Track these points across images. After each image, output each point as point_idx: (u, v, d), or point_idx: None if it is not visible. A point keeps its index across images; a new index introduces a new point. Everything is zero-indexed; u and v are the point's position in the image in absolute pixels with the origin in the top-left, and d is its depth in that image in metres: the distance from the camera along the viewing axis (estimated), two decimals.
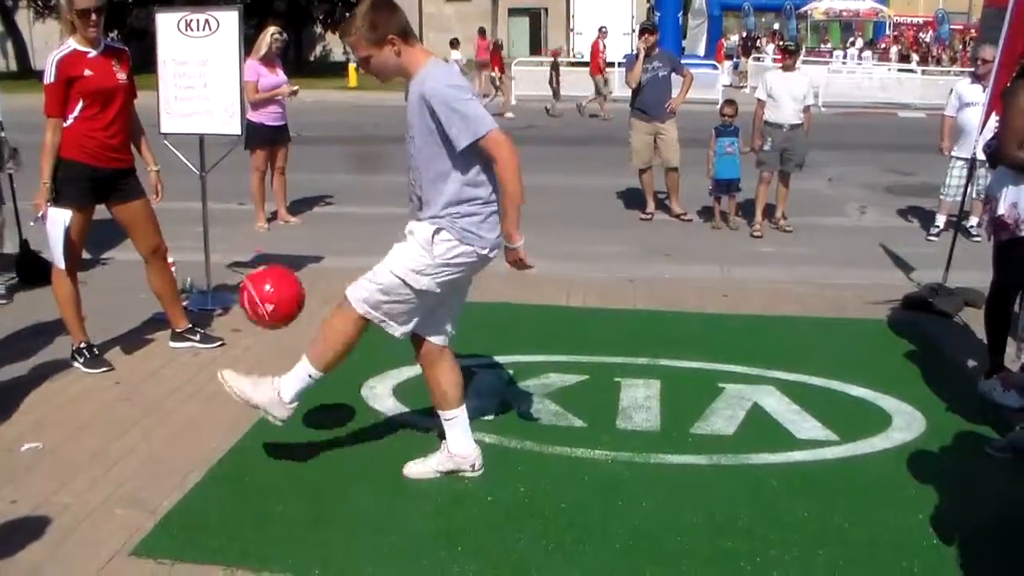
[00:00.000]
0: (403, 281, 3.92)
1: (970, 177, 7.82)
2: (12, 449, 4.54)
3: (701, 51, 34.80)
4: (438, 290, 3.97)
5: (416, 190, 4.00)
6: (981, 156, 6.69)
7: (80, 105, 5.30)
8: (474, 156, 3.82)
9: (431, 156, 3.87)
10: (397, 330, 4.05)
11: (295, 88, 9.83)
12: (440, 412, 4.29)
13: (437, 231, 3.89)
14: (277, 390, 4.11)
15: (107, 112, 5.38)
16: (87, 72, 5.28)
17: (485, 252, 3.97)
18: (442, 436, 4.38)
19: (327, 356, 4.06)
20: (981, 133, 6.99)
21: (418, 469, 4.32)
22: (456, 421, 4.27)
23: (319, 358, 4.07)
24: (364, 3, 3.91)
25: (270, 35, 9.54)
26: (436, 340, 4.19)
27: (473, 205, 3.90)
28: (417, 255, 3.92)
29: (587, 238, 9.12)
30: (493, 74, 23.38)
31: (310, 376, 4.09)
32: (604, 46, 23.05)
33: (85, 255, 6.22)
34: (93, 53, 5.34)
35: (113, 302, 6.91)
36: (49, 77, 5.28)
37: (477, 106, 3.80)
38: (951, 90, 9.80)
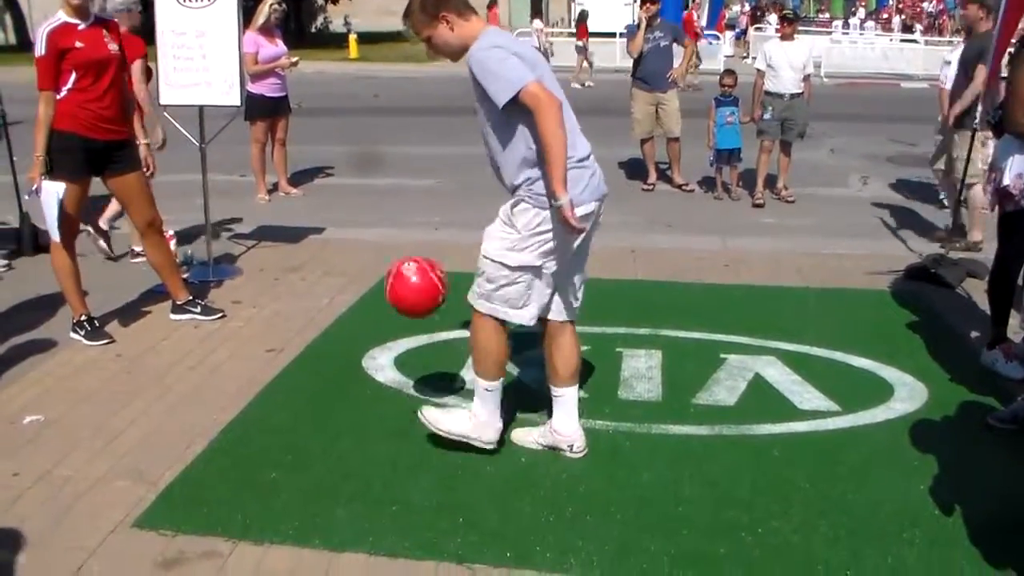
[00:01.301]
0: (500, 263, 3.91)
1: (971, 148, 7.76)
2: (14, 422, 4.54)
3: (704, 21, 34.61)
4: (537, 262, 3.91)
5: (491, 160, 4.01)
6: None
7: (73, 77, 5.27)
8: (527, 115, 3.72)
9: (492, 123, 3.86)
10: (524, 317, 4.02)
11: (295, 59, 9.77)
12: (550, 387, 4.27)
13: (516, 203, 3.89)
14: (474, 416, 4.16)
15: (100, 83, 5.34)
16: (78, 44, 5.24)
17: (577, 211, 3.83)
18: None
19: (487, 364, 4.09)
20: (979, 105, 6.95)
21: (521, 436, 4.35)
22: (562, 400, 4.23)
23: (481, 369, 4.11)
24: None
25: (268, 5, 9.48)
26: (556, 317, 4.18)
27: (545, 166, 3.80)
28: (503, 233, 3.93)
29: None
30: (580, 43, 23.32)
31: (487, 390, 4.12)
32: (698, 16, 23.19)
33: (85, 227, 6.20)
34: (83, 25, 5.30)
35: (114, 275, 6.92)
36: (40, 50, 5.24)
37: (515, 63, 3.71)
38: (945, 60, 9.49)
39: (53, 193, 5.28)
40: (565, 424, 4.24)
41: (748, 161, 10.16)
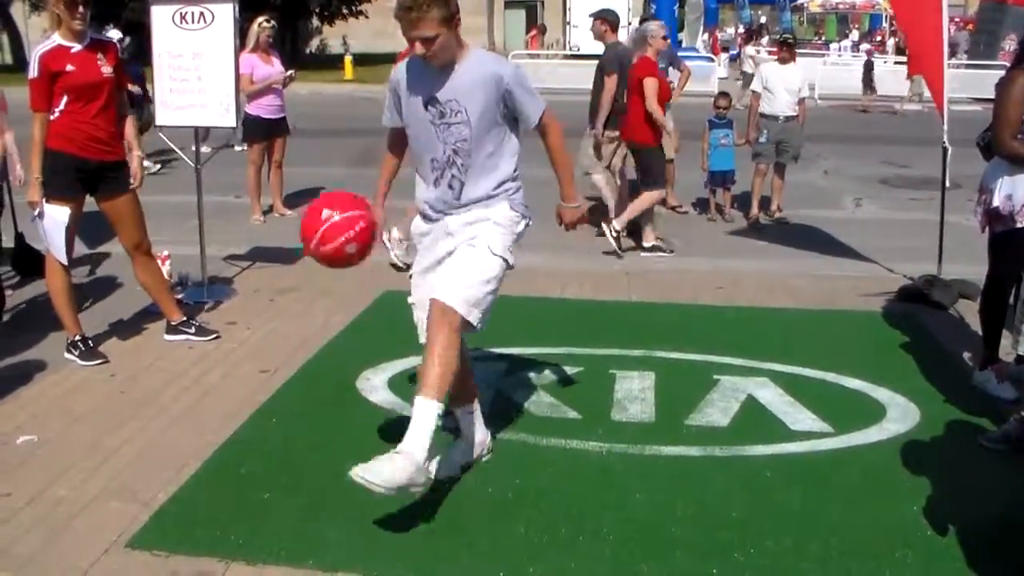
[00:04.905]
0: (504, 260, 3.93)
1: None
2: (7, 442, 4.54)
3: (699, 44, 34.76)
4: None
5: (460, 176, 3.93)
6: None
7: (65, 99, 5.30)
8: (518, 133, 3.98)
9: (489, 137, 3.91)
10: (485, 322, 3.93)
11: (289, 73, 9.80)
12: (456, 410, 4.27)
13: (500, 207, 3.97)
14: (410, 456, 3.54)
15: (92, 106, 5.37)
16: (70, 67, 5.27)
17: (529, 222, 4.09)
18: (442, 428, 4.42)
19: (446, 381, 3.67)
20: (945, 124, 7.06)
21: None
22: (474, 415, 4.35)
23: (439, 388, 3.64)
24: None
25: (257, 25, 9.52)
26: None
27: (517, 180, 4.03)
28: (502, 232, 3.95)
29: (582, 230, 9.10)
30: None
31: (438, 415, 3.63)
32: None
33: (79, 248, 6.21)
34: (77, 47, 5.33)
35: (108, 295, 6.92)
36: (33, 72, 5.29)
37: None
38: None
39: (60, 221, 5.34)
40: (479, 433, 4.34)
41: (742, 183, 10.20)
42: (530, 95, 3.89)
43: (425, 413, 3.62)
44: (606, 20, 9.07)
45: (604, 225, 8.47)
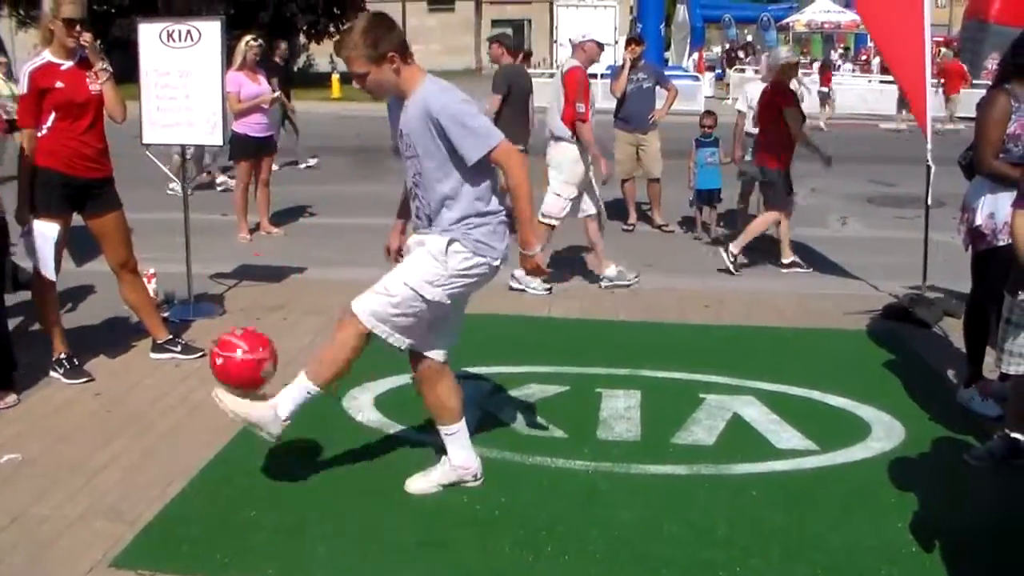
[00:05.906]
0: (416, 292, 3.90)
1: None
2: None
3: (686, 63, 34.94)
4: (448, 301, 3.98)
5: (424, 208, 4.01)
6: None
7: (53, 116, 5.32)
8: (481, 169, 3.89)
9: (438, 175, 3.90)
10: (403, 342, 4.01)
11: (276, 94, 9.82)
12: (441, 427, 4.25)
13: (451, 242, 3.92)
14: (274, 407, 4.00)
15: (80, 123, 5.38)
16: (58, 84, 5.29)
17: (496, 263, 4.03)
18: (428, 446, 4.42)
19: (329, 372, 4.01)
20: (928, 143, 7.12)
21: (420, 484, 4.26)
22: (458, 435, 4.24)
23: (319, 375, 4.01)
24: (362, 19, 3.95)
25: (245, 43, 9.55)
26: (437, 355, 4.14)
27: (484, 217, 3.96)
28: (431, 266, 3.92)
29: (569, 249, 9.13)
30: (824, 89, 23.34)
31: (308, 393, 4.02)
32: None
33: (67, 264, 6.19)
34: (67, 65, 5.35)
35: (94, 313, 6.90)
36: (22, 88, 5.32)
37: (485, 120, 3.91)
38: None
39: (49, 237, 5.32)
40: (466, 457, 4.27)
41: (727, 201, 10.23)
42: (466, 131, 3.80)
43: (298, 384, 4.03)
44: (502, 44, 9.46)
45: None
